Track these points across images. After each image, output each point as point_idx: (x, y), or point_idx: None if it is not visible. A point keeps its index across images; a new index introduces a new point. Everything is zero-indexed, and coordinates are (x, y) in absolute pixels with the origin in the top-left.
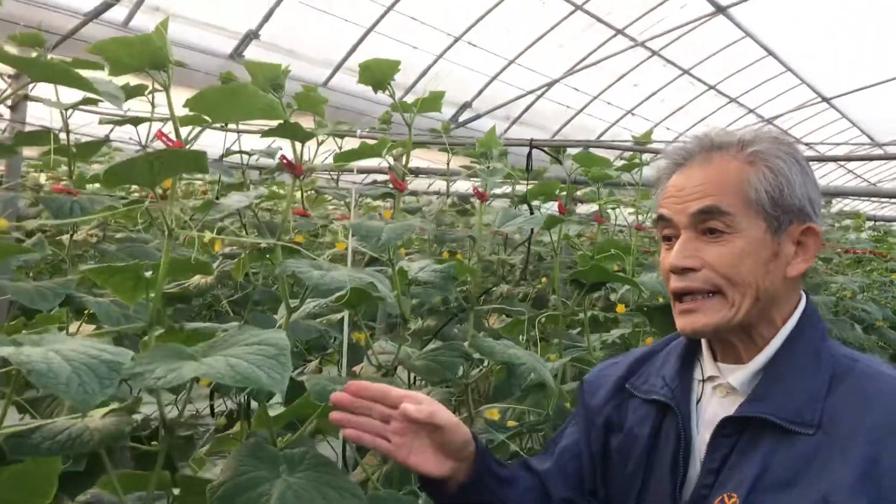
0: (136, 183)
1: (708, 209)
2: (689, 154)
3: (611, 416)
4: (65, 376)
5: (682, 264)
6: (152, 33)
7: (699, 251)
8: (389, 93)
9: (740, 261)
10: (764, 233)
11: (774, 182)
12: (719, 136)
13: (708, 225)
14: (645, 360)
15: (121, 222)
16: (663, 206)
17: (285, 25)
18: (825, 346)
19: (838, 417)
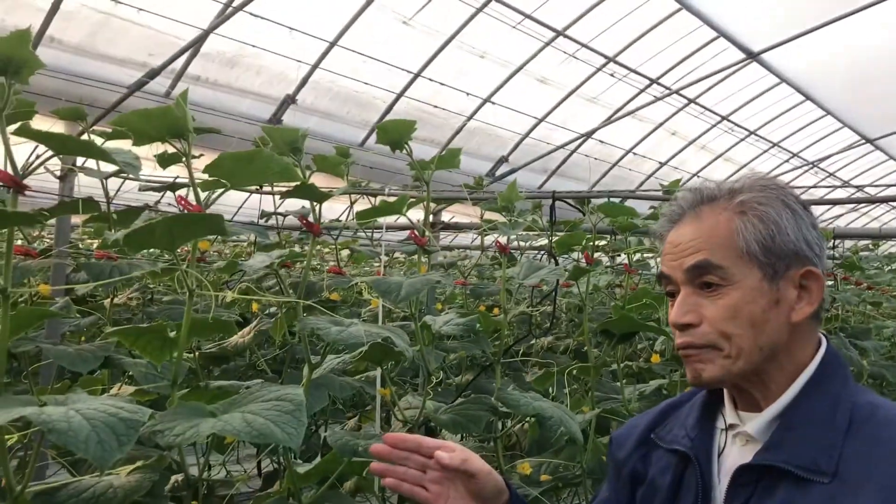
0: (155, 247)
1: (700, 264)
2: (682, 210)
3: (636, 468)
4: (84, 434)
5: (681, 321)
6: (171, 105)
7: (698, 306)
8: (407, 151)
9: (737, 312)
10: (760, 281)
11: (764, 230)
12: (709, 189)
13: (703, 279)
14: (672, 410)
15: (170, 286)
16: (663, 264)
17: (321, 90)
18: (846, 393)
19: (853, 465)
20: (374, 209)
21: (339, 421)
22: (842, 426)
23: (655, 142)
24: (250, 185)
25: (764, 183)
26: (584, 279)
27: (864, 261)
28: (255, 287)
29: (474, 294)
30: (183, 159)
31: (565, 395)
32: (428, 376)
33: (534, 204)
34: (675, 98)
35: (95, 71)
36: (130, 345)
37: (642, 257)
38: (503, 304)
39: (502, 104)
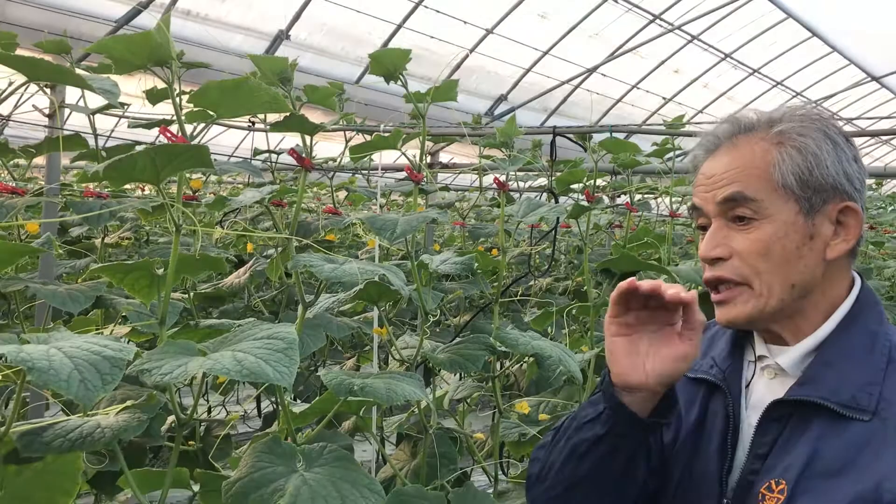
0: (139, 180)
1: (733, 196)
2: (718, 139)
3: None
4: (66, 373)
5: (711, 254)
6: (153, 30)
7: (728, 239)
8: (401, 83)
9: (770, 247)
10: (796, 216)
11: (802, 162)
12: (747, 118)
13: (736, 213)
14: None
15: (166, 228)
16: (695, 195)
17: (315, 25)
18: (882, 331)
19: (893, 404)
20: (368, 143)
21: (338, 361)
22: (880, 364)
23: (658, 80)
24: (237, 115)
25: (804, 113)
26: (585, 218)
27: (867, 200)
28: (251, 227)
29: (473, 235)
30: (176, 95)
31: (564, 335)
32: (425, 316)
33: (533, 143)
34: (678, 36)
35: (82, 4)
36: (118, 283)
37: (643, 197)
38: (501, 243)
39: (503, 35)
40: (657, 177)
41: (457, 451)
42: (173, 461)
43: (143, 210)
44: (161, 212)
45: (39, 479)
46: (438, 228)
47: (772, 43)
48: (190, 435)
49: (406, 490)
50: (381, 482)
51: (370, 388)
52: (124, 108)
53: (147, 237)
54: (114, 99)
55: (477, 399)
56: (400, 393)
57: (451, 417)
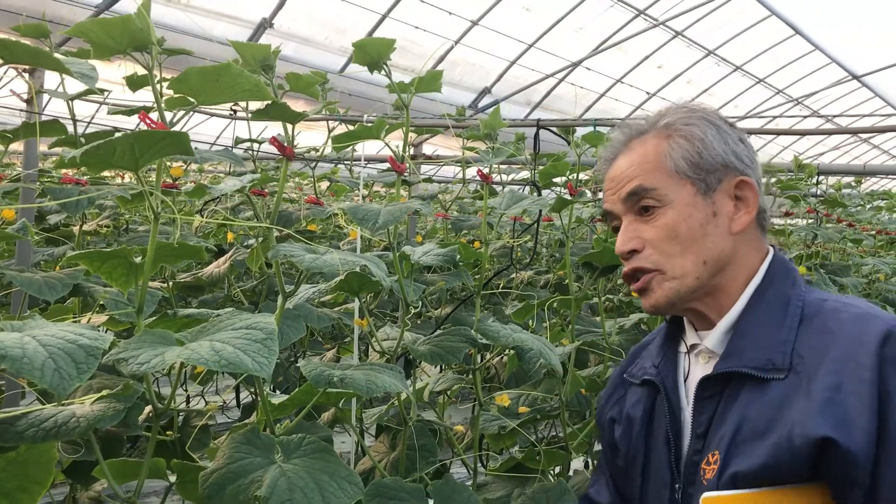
0: (118, 166)
1: (635, 190)
2: (615, 148)
3: (613, 411)
4: (40, 362)
5: (626, 248)
6: (133, 14)
7: (639, 232)
8: (385, 73)
9: (676, 229)
10: (694, 196)
11: (690, 147)
12: (637, 124)
13: (641, 204)
14: (641, 350)
15: (146, 216)
16: (605, 201)
17: (299, 13)
18: (795, 293)
19: (805, 356)
20: (351, 133)
21: (318, 352)
22: (793, 323)
23: (642, 75)
24: (218, 102)
25: (687, 107)
26: (567, 211)
27: (846, 198)
28: (232, 217)
29: (455, 227)
30: (157, 82)
31: (545, 328)
32: (407, 307)
33: (517, 136)
34: (663, 31)
35: None
36: (95, 270)
37: None
38: (484, 235)
39: (488, 27)
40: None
41: (436, 444)
42: (150, 451)
43: (122, 198)
44: (140, 200)
45: (13, 469)
46: (421, 220)
47: (755, 40)
48: (168, 425)
49: (385, 482)
50: (361, 474)
51: (350, 380)
52: (104, 94)
53: (126, 225)
54: (91, 83)
55: (457, 391)
56: (380, 384)
57: (432, 410)
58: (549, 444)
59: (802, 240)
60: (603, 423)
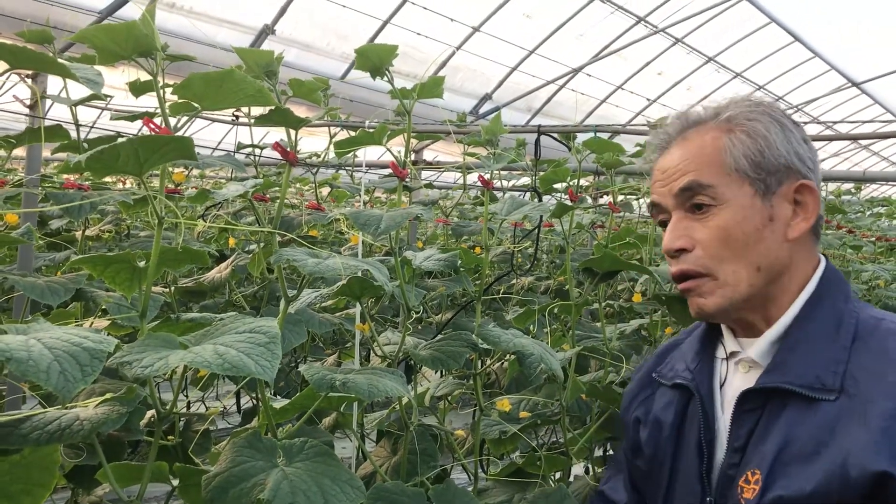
0: (122, 171)
1: (689, 185)
2: (669, 136)
3: (639, 411)
4: (45, 364)
5: (674, 245)
6: (137, 20)
7: (689, 230)
8: (388, 79)
9: (730, 232)
10: (752, 198)
11: (753, 144)
12: (695, 112)
13: (694, 201)
14: (672, 349)
15: (147, 221)
16: (653, 192)
17: (301, 20)
18: (848, 309)
19: (860, 379)
20: (353, 139)
21: (320, 357)
22: (845, 342)
23: (642, 82)
24: (221, 108)
25: (750, 100)
26: (568, 217)
27: (846, 205)
28: (234, 222)
29: (455, 233)
30: (161, 87)
31: (545, 333)
32: (408, 312)
33: (518, 142)
34: (663, 38)
35: None
36: (98, 275)
37: (625, 198)
38: (485, 241)
39: (489, 34)
40: (640, 177)
41: (437, 449)
42: (152, 455)
43: (125, 203)
44: (142, 205)
45: (16, 472)
46: (421, 226)
47: (755, 47)
48: (169, 430)
49: (386, 486)
50: (362, 479)
51: (352, 384)
52: (107, 99)
53: (128, 231)
54: (97, 88)
55: (458, 397)
56: (382, 389)
57: (432, 415)
58: (549, 449)
59: None
60: (627, 421)
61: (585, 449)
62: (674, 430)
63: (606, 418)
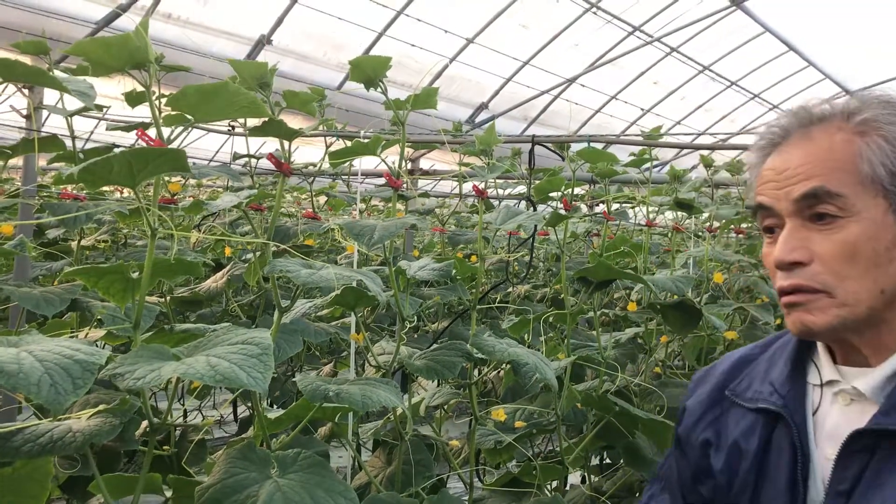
0: (115, 183)
1: (814, 192)
2: (785, 131)
3: (709, 432)
4: (36, 377)
5: (789, 258)
6: (131, 33)
7: (808, 241)
8: (381, 90)
9: (857, 249)
10: (885, 214)
11: (892, 152)
12: (819, 108)
13: (817, 210)
14: (744, 364)
15: (144, 231)
16: (761, 193)
17: (297, 31)
18: None
19: None
20: (347, 149)
21: (315, 367)
22: None
23: (637, 92)
24: (216, 119)
25: (886, 99)
26: (563, 226)
27: None
28: (229, 232)
29: (452, 242)
30: (155, 98)
31: (541, 342)
32: (403, 322)
33: (513, 151)
34: (657, 48)
35: (61, 5)
36: (92, 286)
37: (621, 206)
38: (480, 250)
39: (484, 45)
40: (635, 186)
41: (433, 458)
42: (146, 466)
43: (121, 213)
44: (138, 215)
45: (9, 485)
46: (418, 235)
47: (749, 56)
48: (165, 440)
49: (380, 497)
50: (357, 489)
51: (345, 394)
52: (103, 110)
53: (125, 240)
54: (89, 101)
55: (454, 406)
56: (375, 399)
57: (428, 424)
58: (546, 458)
59: None
60: (692, 443)
61: (581, 458)
62: (756, 460)
63: (602, 427)
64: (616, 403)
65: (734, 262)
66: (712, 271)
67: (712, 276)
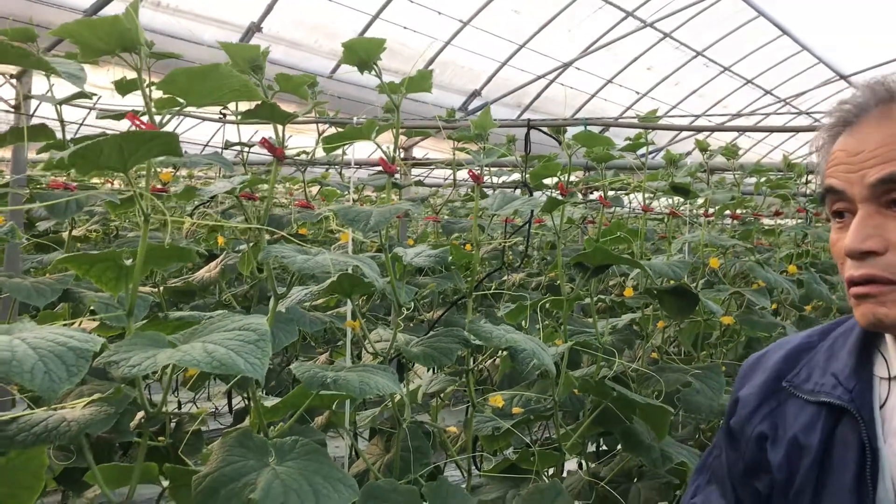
0: (106, 167)
1: (892, 177)
2: (860, 109)
3: (764, 425)
4: (30, 364)
5: (862, 247)
6: (121, 15)
7: (883, 229)
8: (375, 73)
9: None
10: None
11: None
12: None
13: (893, 196)
14: (802, 354)
15: (136, 222)
16: (831, 176)
17: (288, 17)
18: None
19: None
20: (341, 134)
21: (311, 356)
22: None
23: (631, 77)
24: (207, 103)
25: None
26: (559, 211)
27: None
28: (222, 220)
29: (446, 230)
30: (147, 86)
31: (537, 329)
32: (399, 309)
33: (508, 137)
34: (651, 33)
35: None
36: (83, 274)
37: (616, 193)
38: (475, 237)
39: (479, 28)
40: (630, 172)
41: (430, 446)
42: (141, 456)
43: (111, 203)
44: (129, 204)
45: (3, 475)
46: (412, 225)
47: (743, 41)
48: (160, 430)
49: (379, 484)
50: (354, 476)
51: (343, 381)
52: (93, 98)
53: (117, 231)
54: (80, 84)
55: (451, 394)
56: (373, 386)
57: (425, 412)
58: (543, 445)
59: (792, 239)
60: (746, 436)
61: (579, 444)
62: (819, 456)
63: (599, 413)
64: (613, 389)
65: (730, 246)
66: (708, 256)
67: (708, 261)
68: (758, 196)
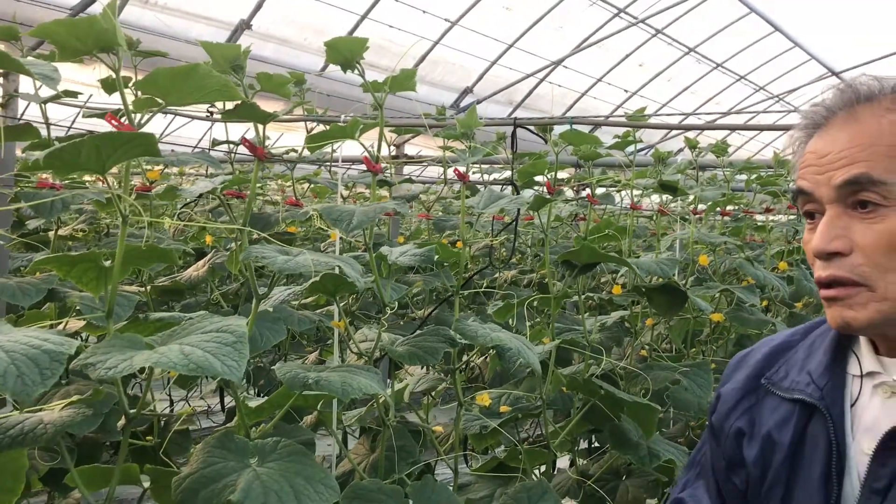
0: (84, 169)
1: (857, 179)
2: (829, 111)
3: (742, 421)
4: (2, 368)
5: (828, 248)
6: (99, 14)
7: (849, 230)
8: (359, 72)
9: None
10: None
11: None
12: (866, 86)
13: (859, 197)
14: (783, 351)
15: None
16: (802, 178)
17: (278, 15)
18: None
19: None
20: (325, 133)
21: (302, 355)
22: None
23: (622, 74)
24: (187, 103)
25: None
26: (546, 209)
27: None
28: (211, 220)
29: (438, 227)
30: (130, 85)
31: (527, 327)
32: (384, 307)
33: (497, 135)
34: (642, 30)
35: None
36: (64, 275)
37: (607, 190)
38: (463, 235)
39: (468, 27)
40: (619, 170)
41: (420, 445)
42: (121, 457)
43: (99, 201)
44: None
45: None
46: (405, 222)
47: (734, 38)
48: (148, 430)
49: (363, 484)
50: (341, 476)
51: (325, 382)
52: (78, 97)
53: (107, 230)
54: (53, 85)
55: (441, 392)
56: (356, 386)
57: (413, 411)
58: (534, 443)
59: (783, 235)
60: (725, 431)
61: (568, 442)
62: (790, 452)
63: (588, 411)
64: (601, 387)
65: (720, 244)
66: (698, 254)
67: (698, 258)
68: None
